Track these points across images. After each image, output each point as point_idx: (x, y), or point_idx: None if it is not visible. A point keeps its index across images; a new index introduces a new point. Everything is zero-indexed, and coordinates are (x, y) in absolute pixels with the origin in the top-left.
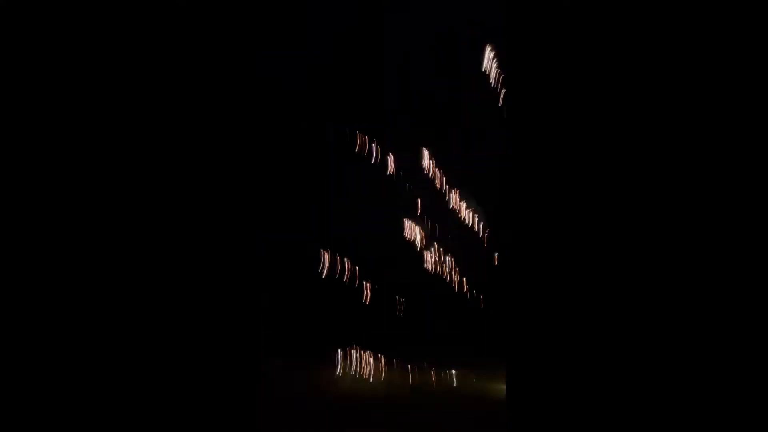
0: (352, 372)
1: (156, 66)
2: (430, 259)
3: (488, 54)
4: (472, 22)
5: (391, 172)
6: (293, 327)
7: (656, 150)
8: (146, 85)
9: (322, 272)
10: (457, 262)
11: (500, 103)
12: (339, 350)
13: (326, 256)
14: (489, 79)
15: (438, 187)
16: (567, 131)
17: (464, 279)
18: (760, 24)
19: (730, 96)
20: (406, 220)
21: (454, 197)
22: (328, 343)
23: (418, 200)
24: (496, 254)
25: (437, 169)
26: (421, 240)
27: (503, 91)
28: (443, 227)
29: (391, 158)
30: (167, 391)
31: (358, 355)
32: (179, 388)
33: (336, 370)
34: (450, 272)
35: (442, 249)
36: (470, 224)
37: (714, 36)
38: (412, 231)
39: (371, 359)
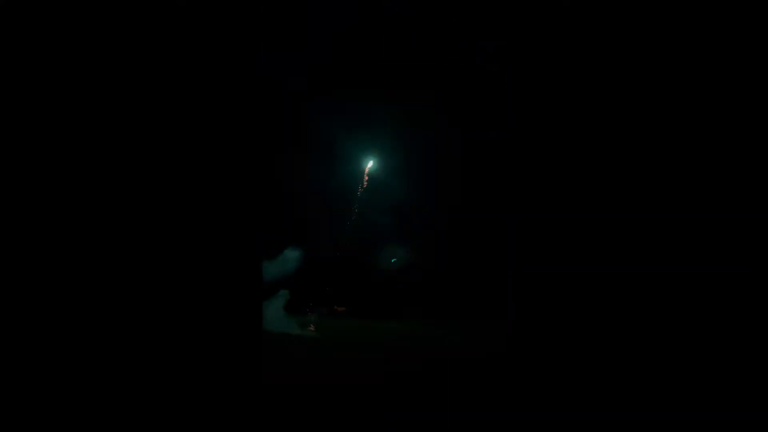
0: None
1: (156, 66)
2: None
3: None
4: None
5: None
6: None
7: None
8: (146, 84)
9: None
10: None
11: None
12: None
13: None
14: None
15: None
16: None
17: None
18: (757, 27)
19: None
20: None
21: None
22: None
23: None
24: None
25: None
26: None
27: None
28: None
29: None
30: (165, 385)
31: None
32: (177, 382)
33: None
34: None
35: None
36: None
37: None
38: None
39: None
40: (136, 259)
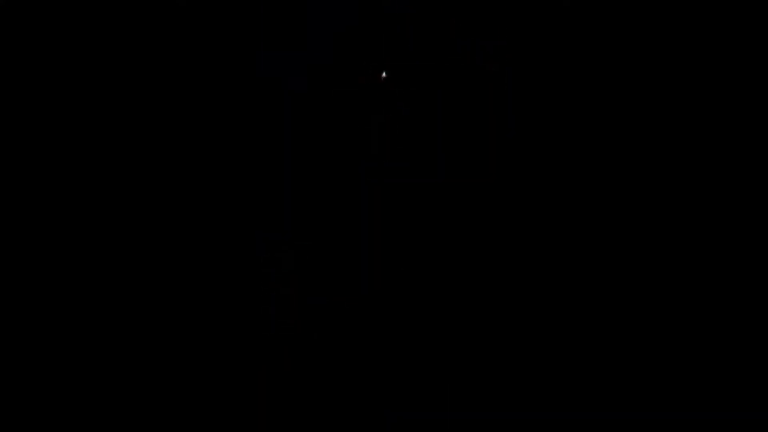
0: None
1: (155, 66)
2: None
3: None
4: None
5: None
6: None
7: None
8: (145, 85)
9: None
10: None
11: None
12: None
13: None
14: None
15: None
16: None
17: None
18: (760, 25)
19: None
20: None
21: None
22: None
23: None
24: None
25: None
26: None
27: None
28: None
29: None
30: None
31: None
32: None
33: None
34: None
35: None
36: None
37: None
38: None
39: None
40: (134, 259)
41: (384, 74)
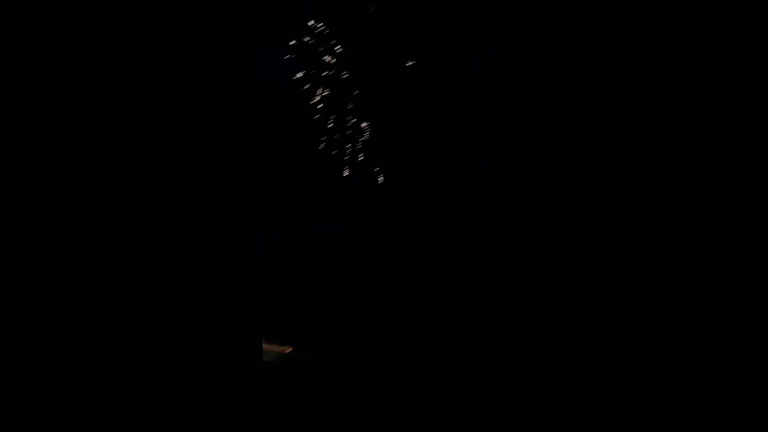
0: None
1: (156, 66)
2: None
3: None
4: None
5: None
6: None
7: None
8: (146, 85)
9: None
10: None
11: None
12: None
13: None
14: None
15: None
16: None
17: None
18: (756, 25)
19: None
20: None
21: None
22: None
23: None
24: None
25: None
26: None
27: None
28: None
29: None
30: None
31: None
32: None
33: None
34: None
35: None
36: None
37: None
38: None
39: None
40: (136, 259)
41: (383, 74)
